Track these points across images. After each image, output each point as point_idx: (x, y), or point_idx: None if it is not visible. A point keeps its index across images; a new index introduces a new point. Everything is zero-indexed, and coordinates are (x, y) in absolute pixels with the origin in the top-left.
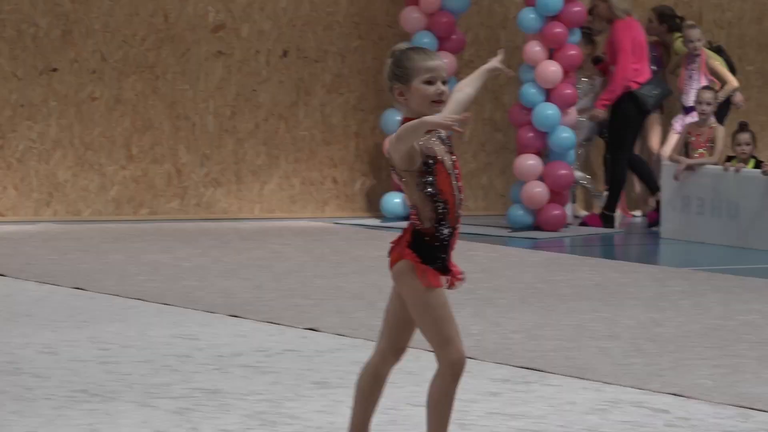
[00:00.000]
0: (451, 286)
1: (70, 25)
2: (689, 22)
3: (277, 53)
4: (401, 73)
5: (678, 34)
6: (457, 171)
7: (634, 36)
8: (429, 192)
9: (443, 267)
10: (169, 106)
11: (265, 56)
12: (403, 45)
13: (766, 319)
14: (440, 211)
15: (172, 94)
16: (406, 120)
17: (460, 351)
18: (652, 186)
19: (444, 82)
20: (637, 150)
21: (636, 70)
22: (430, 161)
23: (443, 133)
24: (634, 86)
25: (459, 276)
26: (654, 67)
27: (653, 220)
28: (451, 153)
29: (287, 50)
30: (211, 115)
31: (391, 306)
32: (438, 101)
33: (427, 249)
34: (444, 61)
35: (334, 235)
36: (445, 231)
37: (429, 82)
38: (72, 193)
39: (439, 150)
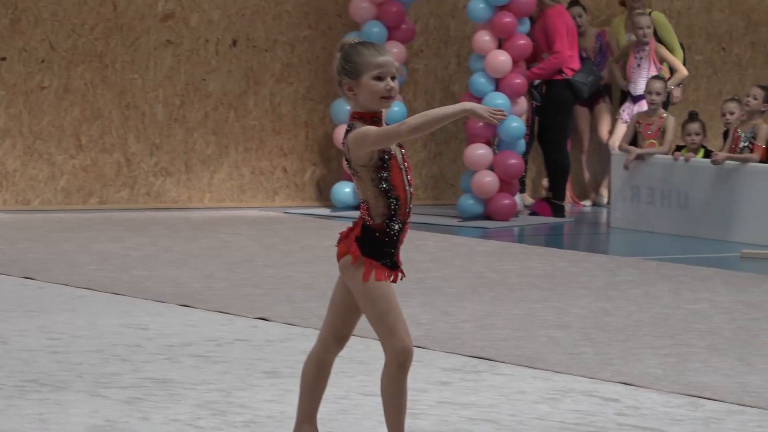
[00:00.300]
0: (394, 280)
1: (18, 13)
2: (638, 10)
3: (227, 42)
4: (350, 68)
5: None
6: (407, 164)
7: (566, 22)
8: (383, 188)
9: (392, 263)
10: (118, 96)
11: (214, 45)
12: (352, 39)
13: (716, 308)
14: (393, 207)
15: (122, 84)
16: (355, 114)
17: (403, 341)
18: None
19: (393, 78)
20: (586, 140)
21: (570, 57)
22: (386, 156)
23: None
24: (569, 73)
25: (401, 270)
26: (584, 54)
27: (539, 209)
28: (401, 146)
29: (236, 39)
30: (160, 104)
31: (336, 294)
32: (387, 97)
33: (376, 245)
34: (393, 55)
35: (284, 224)
36: (396, 227)
37: (379, 78)
38: (21, 182)
39: (393, 145)
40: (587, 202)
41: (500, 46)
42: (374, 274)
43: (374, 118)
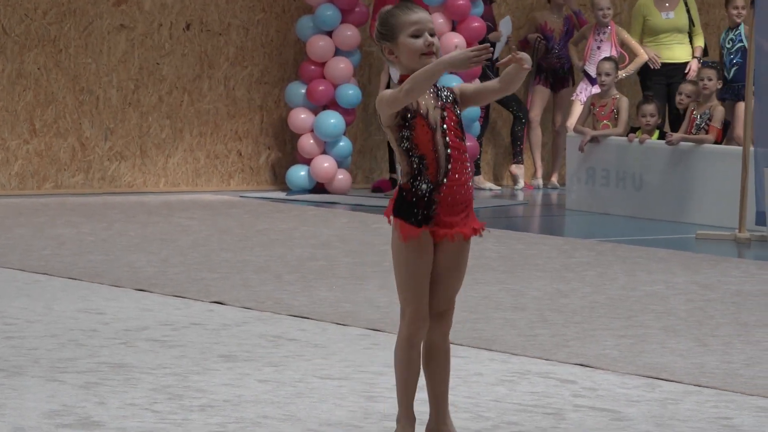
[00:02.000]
0: (438, 239)
1: None
2: None
3: (180, 26)
4: (386, 31)
5: None
6: (446, 125)
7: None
8: (405, 147)
9: (417, 221)
10: (72, 80)
11: (168, 29)
12: (388, 6)
13: (671, 289)
14: (416, 166)
15: (75, 68)
16: (403, 78)
17: (408, 328)
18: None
19: (432, 34)
20: (550, 121)
21: None
22: (408, 115)
23: (443, 90)
24: None
25: (453, 232)
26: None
27: (380, 186)
28: (445, 108)
29: (190, 23)
30: (114, 88)
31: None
32: (428, 53)
33: (406, 204)
34: (428, 14)
35: (240, 208)
36: (423, 186)
37: (415, 35)
38: None
39: (425, 104)
40: (537, 181)
41: (454, 29)
42: (400, 231)
43: None
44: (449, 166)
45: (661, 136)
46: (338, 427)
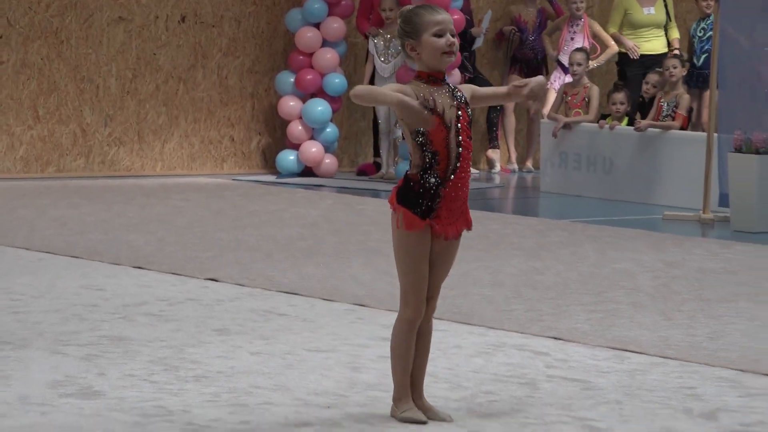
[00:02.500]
0: (437, 233)
1: None
2: None
3: (176, 18)
4: (411, 29)
5: None
6: (461, 125)
7: None
8: (419, 141)
9: (422, 213)
10: (73, 70)
11: (164, 21)
12: (411, 5)
13: (639, 267)
14: (428, 160)
15: (76, 58)
16: (419, 74)
17: (409, 313)
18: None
19: (453, 34)
20: (524, 109)
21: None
22: (426, 112)
23: (456, 90)
24: None
25: (450, 230)
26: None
27: (364, 170)
28: (460, 108)
29: (185, 15)
30: (113, 77)
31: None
32: (449, 52)
33: (412, 194)
34: (450, 16)
35: (232, 191)
36: (432, 180)
37: (438, 35)
38: None
39: (442, 103)
40: (513, 165)
41: None
42: (403, 219)
43: (431, 77)
44: (458, 164)
45: (630, 123)
46: (325, 396)
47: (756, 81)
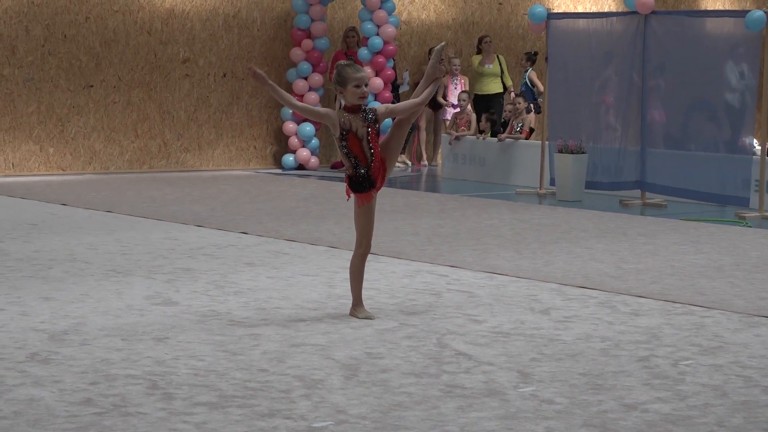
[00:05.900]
0: (373, 189)
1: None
2: (453, 56)
3: (220, 75)
4: (341, 80)
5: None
6: (370, 138)
7: None
8: (344, 152)
9: (369, 186)
10: (158, 106)
11: (213, 77)
12: (343, 62)
13: (502, 222)
14: (352, 161)
15: (160, 99)
16: (345, 107)
17: (369, 244)
18: None
19: (366, 86)
20: (425, 127)
21: None
22: (344, 132)
23: (369, 114)
24: None
25: (380, 183)
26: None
27: (336, 165)
28: (369, 126)
29: (225, 73)
30: (182, 111)
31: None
32: (362, 96)
33: (357, 183)
34: (366, 72)
35: (256, 179)
36: (362, 171)
37: (357, 86)
38: (103, 157)
39: (356, 125)
40: (425, 162)
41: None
42: (359, 200)
43: (352, 109)
44: (372, 159)
45: (494, 135)
46: (313, 303)
47: (574, 107)
